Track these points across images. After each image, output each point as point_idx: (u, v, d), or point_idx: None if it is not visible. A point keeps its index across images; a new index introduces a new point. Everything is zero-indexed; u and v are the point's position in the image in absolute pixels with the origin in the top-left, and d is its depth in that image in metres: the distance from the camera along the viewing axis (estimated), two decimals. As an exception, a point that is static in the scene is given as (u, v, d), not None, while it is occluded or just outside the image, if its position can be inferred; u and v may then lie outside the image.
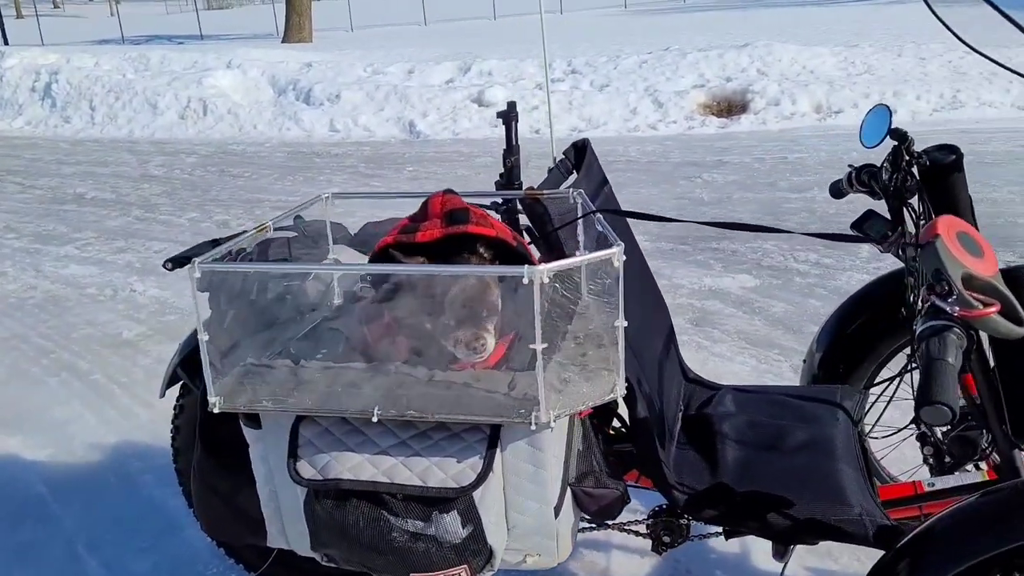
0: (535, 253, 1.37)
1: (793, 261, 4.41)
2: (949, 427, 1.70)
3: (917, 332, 1.15)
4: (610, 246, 1.18)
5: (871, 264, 4.26)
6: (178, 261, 1.89)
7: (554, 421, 1.13)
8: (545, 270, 1.06)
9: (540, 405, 1.11)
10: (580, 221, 1.42)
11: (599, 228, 1.31)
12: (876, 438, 2.06)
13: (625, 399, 1.54)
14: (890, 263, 3.95)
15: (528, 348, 1.25)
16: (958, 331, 1.10)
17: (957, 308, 1.10)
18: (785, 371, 3.23)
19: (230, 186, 6.74)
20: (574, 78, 8.77)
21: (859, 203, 2.01)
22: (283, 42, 20.12)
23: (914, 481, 1.75)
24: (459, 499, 1.18)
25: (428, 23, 25.13)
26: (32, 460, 2.79)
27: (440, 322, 1.21)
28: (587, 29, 17.94)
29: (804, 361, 2.20)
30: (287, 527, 1.35)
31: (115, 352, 3.62)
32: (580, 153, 1.78)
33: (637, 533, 1.76)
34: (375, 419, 1.16)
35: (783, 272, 4.26)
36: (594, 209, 1.36)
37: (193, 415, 1.97)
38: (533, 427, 1.12)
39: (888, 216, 1.92)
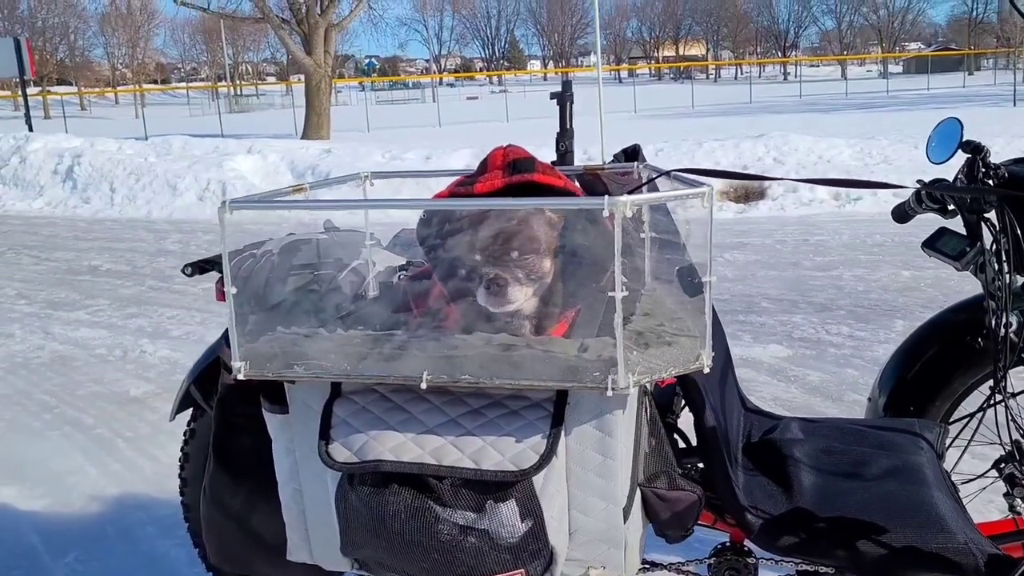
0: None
1: (825, 333, 4.26)
2: None
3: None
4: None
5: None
6: (198, 266, 1.78)
7: (634, 386, 0.97)
8: (628, 201, 0.92)
9: (618, 366, 0.95)
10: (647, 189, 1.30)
11: (674, 185, 1.18)
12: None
13: (690, 407, 1.38)
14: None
15: (593, 323, 1.11)
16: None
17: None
18: (830, 435, 3.03)
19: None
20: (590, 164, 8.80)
21: (883, 277, 1.86)
22: (302, 139, 20.57)
23: (1013, 517, 1.56)
24: (518, 485, 1.01)
25: (443, 125, 25.72)
26: (27, 510, 2.60)
27: (472, 264, 1.06)
28: (598, 130, 18.24)
29: (869, 399, 2.02)
30: (312, 533, 1.17)
31: (121, 408, 3.45)
32: (631, 159, 1.67)
33: None
34: (424, 385, 1.00)
35: (815, 344, 4.11)
36: (667, 171, 1.23)
37: (204, 442, 1.80)
38: (610, 392, 0.96)
39: (963, 232, 1.79)
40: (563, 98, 1.47)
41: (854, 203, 7.63)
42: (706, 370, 1.03)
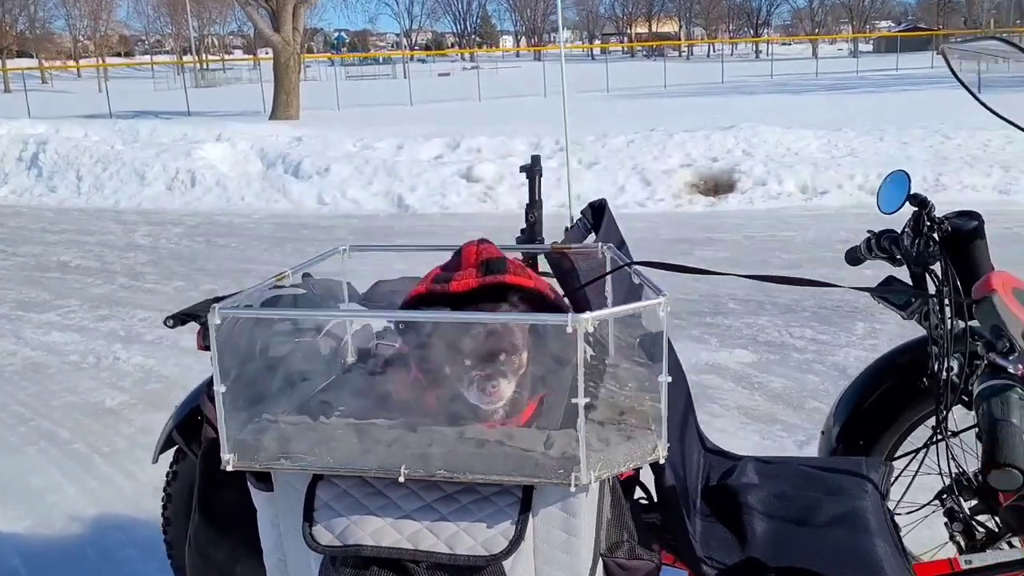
0: (570, 306, 1.32)
1: (789, 337, 4.38)
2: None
3: (976, 391, 1.09)
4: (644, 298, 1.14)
5: (867, 340, 4.24)
6: (179, 318, 1.82)
7: (595, 482, 1.06)
8: (590, 318, 1.00)
9: (580, 464, 1.04)
10: (609, 276, 1.38)
11: (636, 280, 1.26)
12: (899, 514, 1.98)
13: (652, 466, 1.47)
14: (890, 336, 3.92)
15: (558, 407, 1.19)
16: (1020, 391, 1.05)
17: (1020, 366, 1.05)
18: (789, 447, 3.16)
19: (217, 256, 6.67)
20: (562, 156, 8.87)
21: (846, 277, 1.99)
22: (271, 119, 20.37)
23: (949, 558, 1.67)
24: (489, 568, 1.09)
25: (414, 104, 25.55)
26: (8, 531, 2.65)
27: (458, 365, 1.15)
28: (572, 111, 18.26)
29: (822, 433, 2.13)
30: (296, 601, 1.24)
31: (97, 421, 3.49)
32: (598, 213, 1.74)
33: (657, 614, 1.65)
34: (402, 479, 1.08)
35: (779, 348, 4.23)
36: (629, 261, 1.31)
37: (187, 483, 1.87)
38: (573, 488, 1.04)
39: (910, 282, 1.89)
40: (532, 172, 1.54)
41: (821, 196, 7.77)
42: (662, 460, 1.12)
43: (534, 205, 1.53)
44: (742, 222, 7.18)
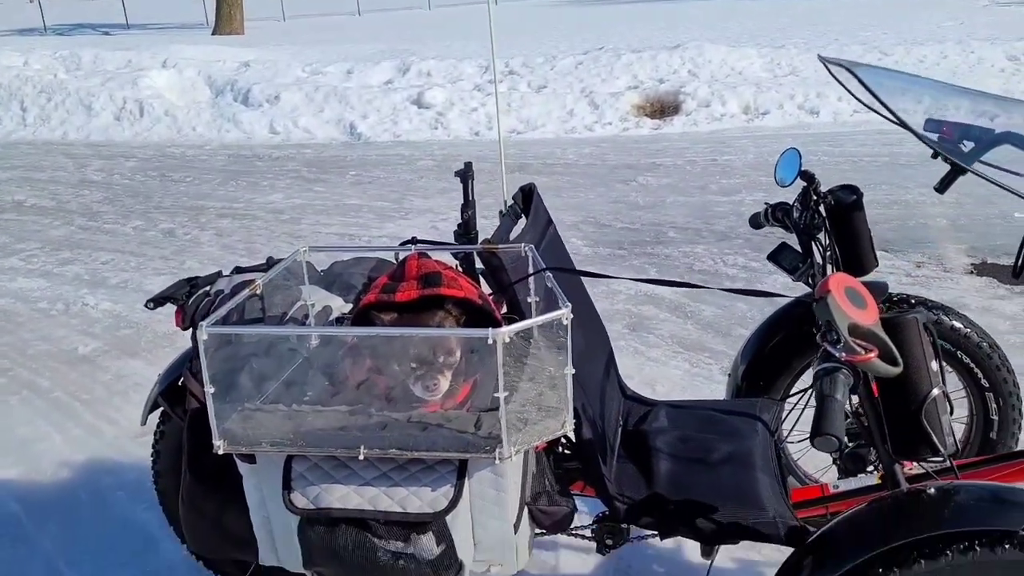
0: (496, 302, 1.57)
1: (723, 265, 4.68)
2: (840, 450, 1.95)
3: (814, 372, 1.38)
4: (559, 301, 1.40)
5: (794, 266, 4.57)
6: (158, 301, 2.05)
7: (514, 456, 1.34)
8: (505, 332, 1.26)
9: (503, 443, 1.32)
10: (531, 267, 1.64)
11: (548, 285, 1.52)
12: (793, 443, 2.31)
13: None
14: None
15: (488, 388, 1.46)
16: (845, 372, 1.33)
17: (843, 354, 1.33)
18: (715, 374, 3.48)
19: (172, 191, 6.76)
20: (512, 79, 8.96)
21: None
22: (214, 34, 19.86)
23: (822, 484, 2.01)
24: (434, 522, 1.38)
25: (362, 13, 24.94)
26: (2, 479, 2.89)
27: (405, 364, 1.41)
28: (521, 22, 18.09)
29: (728, 375, 2.45)
30: (279, 548, 1.53)
31: (73, 368, 3.70)
32: (527, 197, 1.98)
33: (583, 536, 1.98)
34: (361, 457, 1.35)
35: (713, 276, 4.53)
36: (544, 267, 1.57)
37: (173, 441, 2.12)
38: (497, 462, 1.33)
39: (799, 248, 2.18)
40: (465, 176, 1.77)
41: (762, 117, 8.01)
42: (570, 434, 1.40)
43: (468, 204, 1.77)
44: (686, 145, 7.42)
